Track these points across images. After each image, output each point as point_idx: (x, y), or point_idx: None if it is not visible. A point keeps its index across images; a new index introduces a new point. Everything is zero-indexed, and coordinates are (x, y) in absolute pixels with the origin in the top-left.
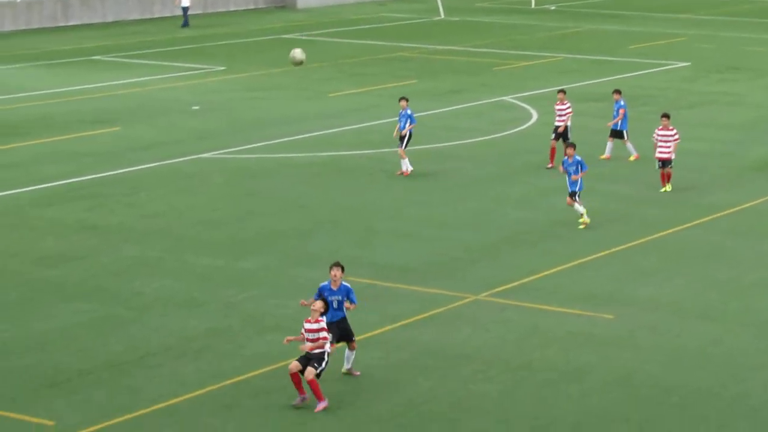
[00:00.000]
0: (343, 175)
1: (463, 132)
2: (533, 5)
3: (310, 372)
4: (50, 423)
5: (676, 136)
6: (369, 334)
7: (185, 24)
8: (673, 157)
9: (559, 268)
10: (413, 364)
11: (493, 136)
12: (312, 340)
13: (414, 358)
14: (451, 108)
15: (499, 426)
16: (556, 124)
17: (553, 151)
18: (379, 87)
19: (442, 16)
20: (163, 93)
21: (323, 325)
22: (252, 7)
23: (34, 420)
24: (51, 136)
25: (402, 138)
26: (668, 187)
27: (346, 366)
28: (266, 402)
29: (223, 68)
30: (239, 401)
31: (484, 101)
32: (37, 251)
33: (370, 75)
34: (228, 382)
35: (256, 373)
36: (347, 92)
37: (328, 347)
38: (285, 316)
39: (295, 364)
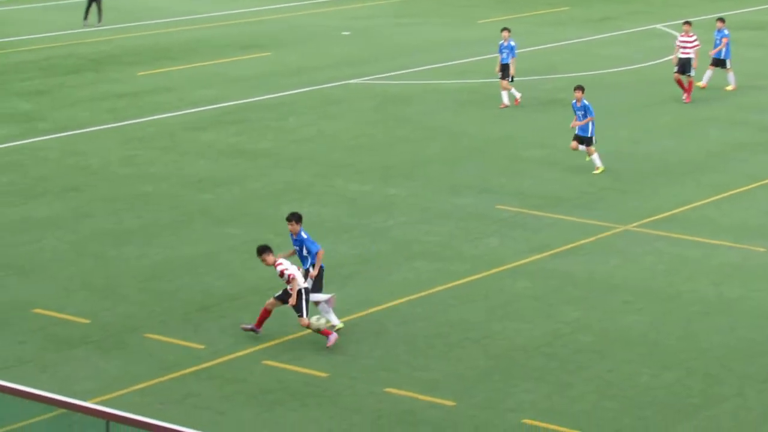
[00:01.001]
0: (491, 103)
1: (614, 60)
2: None
3: (302, 321)
4: (201, 347)
5: None
6: (517, 263)
7: None
8: None
9: (711, 199)
10: (561, 294)
11: (643, 64)
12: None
13: (561, 288)
14: (601, 36)
15: (645, 358)
16: (679, 56)
17: (690, 84)
18: (528, 14)
19: None
20: (314, 19)
21: (284, 266)
22: None
23: (185, 343)
24: (202, 61)
25: (503, 70)
26: None
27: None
28: (413, 329)
29: None
30: (386, 328)
31: (636, 29)
32: (188, 175)
33: (519, 1)
34: (375, 309)
35: (402, 300)
36: (496, 19)
37: (301, 283)
38: (432, 243)
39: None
